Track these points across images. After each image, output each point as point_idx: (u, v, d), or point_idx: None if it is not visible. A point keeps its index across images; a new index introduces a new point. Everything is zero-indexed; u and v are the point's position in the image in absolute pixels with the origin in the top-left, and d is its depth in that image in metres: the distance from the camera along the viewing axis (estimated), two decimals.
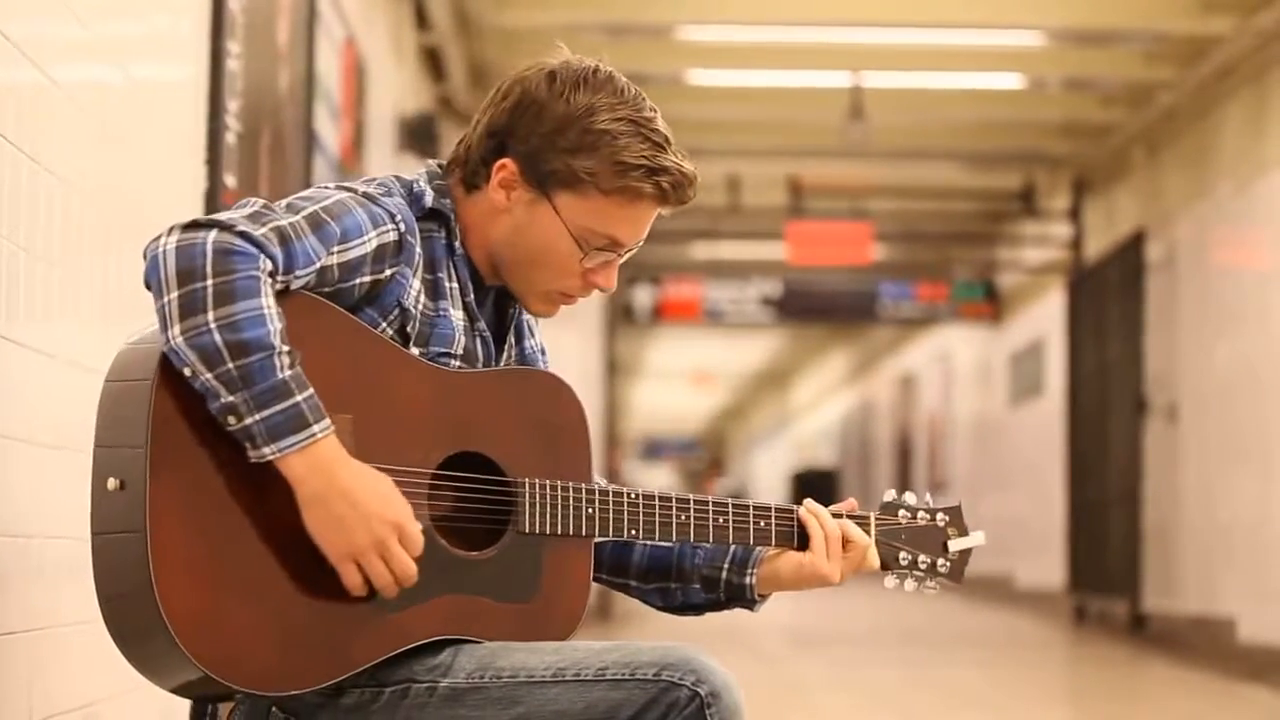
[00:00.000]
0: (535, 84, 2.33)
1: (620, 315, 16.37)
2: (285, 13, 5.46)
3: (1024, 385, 17.28)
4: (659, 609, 2.58)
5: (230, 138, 4.56)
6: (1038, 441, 16.34)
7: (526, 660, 2.26)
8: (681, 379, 33.48)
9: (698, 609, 2.55)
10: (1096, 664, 11.05)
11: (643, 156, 2.30)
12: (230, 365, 2.06)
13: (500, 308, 2.46)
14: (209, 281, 2.07)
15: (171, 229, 2.11)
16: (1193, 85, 11.25)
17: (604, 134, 2.30)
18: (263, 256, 2.10)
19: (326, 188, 2.29)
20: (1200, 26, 10.31)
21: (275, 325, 2.09)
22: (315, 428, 2.11)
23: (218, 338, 2.06)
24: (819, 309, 17.35)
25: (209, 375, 2.07)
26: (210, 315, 2.06)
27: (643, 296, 16.37)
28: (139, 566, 2.08)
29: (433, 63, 10.31)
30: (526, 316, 2.51)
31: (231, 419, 2.08)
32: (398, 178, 2.38)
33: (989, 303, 17.27)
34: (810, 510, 2.48)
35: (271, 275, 2.12)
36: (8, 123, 2.79)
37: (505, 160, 2.34)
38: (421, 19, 9.37)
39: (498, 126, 2.35)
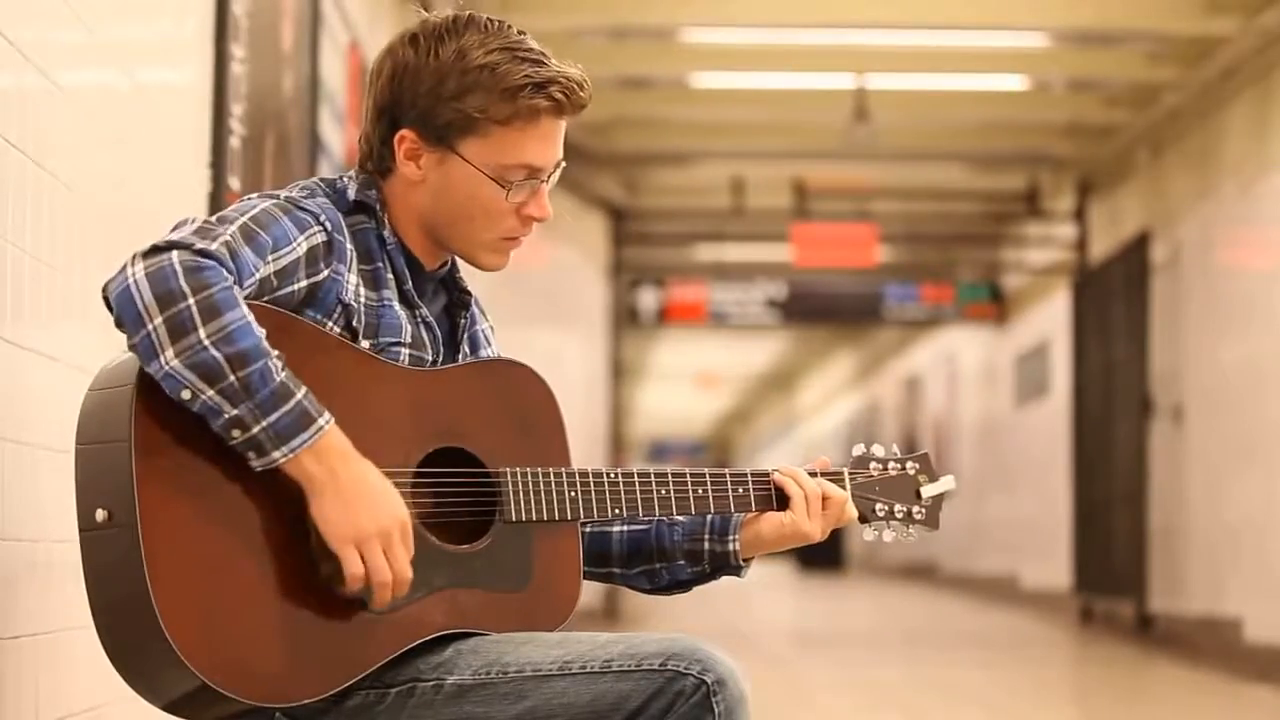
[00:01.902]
0: (401, 51, 2.37)
1: (625, 318, 16.36)
2: (289, 16, 5.47)
3: (1029, 386, 17.27)
4: (646, 592, 2.60)
5: (235, 141, 4.57)
6: (1043, 442, 16.33)
7: (532, 654, 2.27)
8: (687, 381, 33.45)
9: (685, 585, 2.57)
10: (1102, 665, 11.04)
11: (525, 76, 2.33)
12: (232, 378, 2.07)
13: (452, 318, 2.48)
14: (190, 300, 2.08)
15: (134, 258, 2.11)
16: (1197, 86, 11.25)
17: (481, 69, 2.32)
18: (223, 269, 2.12)
19: (252, 198, 2.30)
20: (1204, 27, 10.30)
21: (261, 331, 2.11)
22: (320, 420, 2.13)
23: (215, 352, 2.07)
24: (824, 311, 17.34)
25: (211, 393, 2.08)
26: (202, 332, 2.07)
27: (648, 299, 16.37)
28: (135, 578, 2.07)
29: None
30: (481, 327, 2.53)
31: (237, 432, 2.09)
32: (322, 179, 2.40)
33: (994, 304, 17.27)
34: (786, 473, 2.52)
35: (235, 285, 2.13)
36: (12, 127, 2.80)
37: (403, 132, 2.36)
38: None
39: (384, 104, 2.37)
